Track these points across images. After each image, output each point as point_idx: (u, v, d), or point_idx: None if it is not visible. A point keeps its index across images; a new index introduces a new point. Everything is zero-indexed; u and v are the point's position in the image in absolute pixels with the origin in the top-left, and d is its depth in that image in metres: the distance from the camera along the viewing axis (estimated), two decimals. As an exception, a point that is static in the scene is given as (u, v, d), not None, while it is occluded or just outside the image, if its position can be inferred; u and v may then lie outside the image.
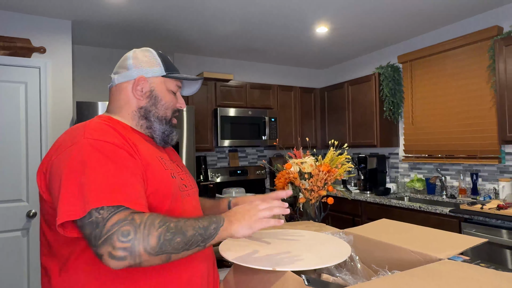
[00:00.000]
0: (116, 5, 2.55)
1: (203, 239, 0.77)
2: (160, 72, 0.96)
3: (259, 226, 0.81)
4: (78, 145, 0.77)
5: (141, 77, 0.94)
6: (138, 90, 0.95)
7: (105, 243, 0.68)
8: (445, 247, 0.91)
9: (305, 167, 1.54)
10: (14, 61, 2.57)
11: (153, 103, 0.96)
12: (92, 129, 0.81)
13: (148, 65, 0.96)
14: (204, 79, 3.61)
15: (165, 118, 0.98)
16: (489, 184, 2.88)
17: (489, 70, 2.74)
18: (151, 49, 1.00)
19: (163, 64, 0.98)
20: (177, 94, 1.01)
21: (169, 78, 0.98)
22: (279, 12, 2.75)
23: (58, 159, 0.78)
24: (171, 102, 0.99)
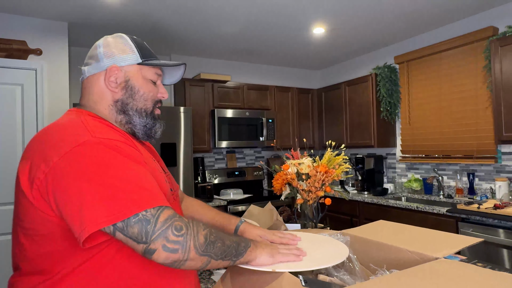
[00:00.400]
0: (112, 7, 2.55)
1: (235, 254, 0.77)
2: (135, 59, 0.87)
3: (280, 259, 0.82)
4: (89, 145, 0.70)
5: (113, 66, 0.85)
6: (112, 82, 0.85)
7: (159, 236, 0.67)
8: (442, 247, 0.91)
9: (302, 168, 1.54)
10: (10, 63, 2.56)
11: (129, 94, 0.86)
12: (96, 127, 0.76)
13: (121, 52, 0.86)
14: (201, 80, 3.63)
15: (145, 110, 0.89)
16: (486, 184, 2.89)
17: (485, 71, 2.76)
18: (124, 34, 0.91)
19: (138, 50, 0.88)
20: (157, 83, 0.92)
21: (146, 65, 0.88)
22: (276, 13, 2.76)
23: (63, 164, 0.68)
24: (151, 92, 0.90)
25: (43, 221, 0.71)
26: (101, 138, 0.73)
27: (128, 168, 0.71)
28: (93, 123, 0.78)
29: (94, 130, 0.74)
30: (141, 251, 0.68)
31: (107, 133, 0.76)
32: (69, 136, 0.72)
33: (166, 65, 0.90)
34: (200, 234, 0.71)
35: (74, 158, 0.69)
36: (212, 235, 0.74)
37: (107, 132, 0.76)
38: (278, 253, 0.83)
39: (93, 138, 0.72)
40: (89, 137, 0.72)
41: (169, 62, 0.92)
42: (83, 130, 0.74)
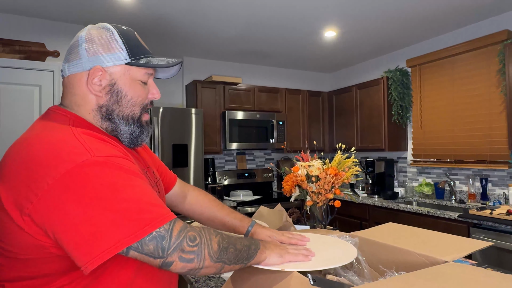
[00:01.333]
0: (127, 10, 2.61)
1: (247, 256, 0.78)
2: (122, 58, 0.76)
3: (289, 258, 0.83)
4: (88, 166, 0.63)
5: (97, 67, 0.74)
6: (95, 84, 0.75)
7: (176, 249, 0.67)
8: (451, 250, 0.92)
9: (312, 170, 1.56)
10: (29, 65, 2.64)
11: (115, 99, 0.77)
12: (92, 143, 0.67)
13: (106, 50, 0.75)
14: (212, 82, 3.67)
15: (132, 117, 0.79)
16: (499, 189, 2.85)
17: (499, 74, 2.72)
18: (111, 25, 0.78)
19: (127, 47, 0.76)
20: (148, 82, 0.82)
21: (135, 66, 0.77)
22: (288, 16, 2.78)
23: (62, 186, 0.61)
24: (139, 97, 0.79)
25: (35, 247, 0.64)
26: (100, 156, 0.65)
27: (133, 186, 0.66)
28: (87, 137, 0.68)
29: (91, 147, 0.66)
30: (158, 265, 0.67)
31: (105, 149, 0.68)
32: (64, 155, 0.63)
33: (160, 66, 0.79)
34: (213, 241, 0.72)
35: (73, 181, 0.61)
36: (225, 241, 0.74)
37: (104, 148, 0.68)
38: (287, 253, 0.84)
39: (92, 158, 0.63)
40: (88, 156, 0.63)
41: (163, 60, 0.80)
42: (79, 147, 0.65)
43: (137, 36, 0.82)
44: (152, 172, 0.91)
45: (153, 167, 0.96)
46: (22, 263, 0.66)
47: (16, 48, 2.62)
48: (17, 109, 2.60)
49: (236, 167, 4.09)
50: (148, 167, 0.90)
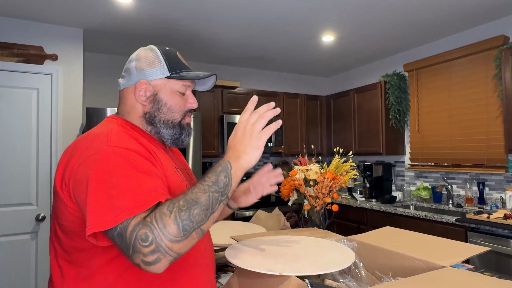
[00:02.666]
0: (127, 14, 2.61)
1: (221, 193, 0.74)
2: (163, 73, 0.90)
3: (264, 140, 0.79)
4: (102, 153, 0.74)
5: (142, 81, 0.89)
6: (142, 96, 0.90)
7: (134, 252, 0.66)
8: (449, 255, 0.92)
9: (310, 174, 1.56)
10: (27, 68, 2.64)
11: (157, 107, 0.91)
12: (115, 136, 0.78)
13: (150, 66, 0.90)
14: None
15: (172, 121, 0.92)
16: (496, 194, 2.86)
17: (496, 79, 2.74)
18: (156, 46, 0.93)
19: (167, 63, 0.91)
20: (186, 93, 0.95)
21: (174, 78, 0.91)
22: (286, 21, 2.79)
23: (82, 168, 0.74)
24: (178, 105, 0.93)
25: (74, 218, 0.76)
26: (116, 147, 0.75)
27: (130, 176, 0.71)
28: (117, 133, 0.80)
29: (112, 139, 0.77)
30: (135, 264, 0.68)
31: (127, 143, 0.78)
32: (93, 145, 0.77)
33: (193, 78, 0.91)
34: (168, 224, 0.67)
35: (89, 166, 0.73)
36: (182, 211, 0.68)
37: (127, 142, 0.78)
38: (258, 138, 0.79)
39: (108, 148, 0.75)
40: (104, 145, 0.75)
41: (197, 74, 0.93)
42: (103, 139, 0.77)
43: (178, 54, 0.96)
44: (187, 173, 0.99)
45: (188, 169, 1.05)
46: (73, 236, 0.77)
47: (14, 51, 2.62)
48: (15, 112, 2.59)
49: (234, 170, 4.08)
50: (184, 168, 0.99)
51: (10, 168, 2.55)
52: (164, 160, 0.86)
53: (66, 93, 2.80)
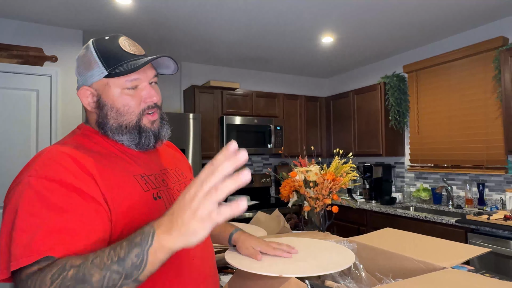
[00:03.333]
0: (125, 15, 2.62)
1: (125, 276, 0.55)
2: (100, 73, 0.77)
3: (210, 223, 0.52)
4: (20, 185, 0.65)
5: (82, 88, 0.79)
6: (90, 102, 0.80)
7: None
8: (449, 256, 0.92)
9: (310, 176, 1.56)
10: (27, 69, 2.64)
11: (104, 113, 0.79)
12: (42, 162, 0.68)
13: (87, 68, 0.78)
14: (210, 87, 3.68)
15: (126, 125, 0.79)
16: (496, 195, 2.86)
17: (495, 81, 2.74)
18: (92, 41, 0.80)
19: (102, 60, 0.77)
20: (139, 87, 0.80)
21: (113, 76, 0.77)
22: (286, 22, 2.80)
23: (6, 200, 0.67)
24: (127, 105, 0.78)
25: None
26: (34, 177, 0.65)
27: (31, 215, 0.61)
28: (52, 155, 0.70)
29: (39, 167, 0.67)
30: None
31: (52, 171, 0.66)
32: (21, 172, 0.69)
33: (132, 70, 0.76)
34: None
35: (7, 199, 0.67)
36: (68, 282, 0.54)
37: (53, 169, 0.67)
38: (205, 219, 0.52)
39: (26, 178, 0.66)
40: (25, 175, 0.66)
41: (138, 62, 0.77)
42: (29, 166, 0.69)
43: (122, 41, 0.81)
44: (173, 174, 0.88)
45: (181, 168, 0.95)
46: None
47: (14, 53, 2.62)
48: (14, 113, 2.59)
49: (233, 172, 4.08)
50: (166, 168, 0.88)
51: (9, 169, 2.54)
52: (116, 172, 0.74)
53: (66, 95, 2.80)
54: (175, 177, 0.89)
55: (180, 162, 0.99)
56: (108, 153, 0.79)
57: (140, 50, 0.83)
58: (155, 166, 0.86)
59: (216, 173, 0.51)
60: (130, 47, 0.81)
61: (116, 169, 0.75)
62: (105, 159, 0.76)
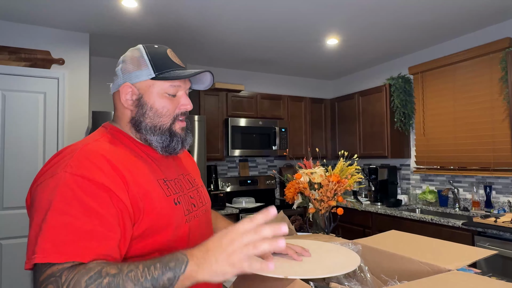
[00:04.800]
0: (132, 19, 2.64)
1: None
2: (147, 74, 0.82)
3: (239, 270, 0.60)
4: (54, 180, 0.67)
5: (126, 84, 0.83)
6: (128, 100, 0.84)
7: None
8: (455, 259, 0.91)
9: (315, 178, 1.56)
10: (35, 72, 2.68)
11: (142, 112, 0.83)
12: (77, 160, 0.70)
13: (135, 68, 0.83)
14: (215, 89, 3.70)
15: (160, 127, 0.84)
16: (503, 197, 2.83)
17: (501, 82, 2.72)
18: (143, 46, 0.86)
19: (151, 64, 0.83)
20: (178, 94, 0.86)
21: (160, 80, 0.83)
22: (291, 24, 2.80)
23: (36, 190, 0.69)
24: (166, 108, 0.84)
25: None
26: (69, 173, 0.68)
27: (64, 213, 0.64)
28: (84, 155, 0.72)
29: (72, 163, 0.70)
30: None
31: (86, 170, 0.69)
32: (54, 166, 0.71)
33: (180, 77, 0.82)
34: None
35: (39, 190, 0.68)
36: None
37: (87, 168, 0.69)
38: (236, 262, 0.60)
39: (61, 173, 0.68)
40: (61, 170, 0.68)
41: (187, 72, 0.84)
42: (64, 162, 0.70)
43: (169, 52, 0.87)
44: (187, 180, 0.92)
45: (192, 174, 0.99)
46: None
47: (22, 56, 2.65)
48: (22, 115, 2.63)
49: (238, 174, 4.09)
50: (182, 174, 0.92)
51: (18, 171, 2.58)
52: (143, 175, 0.78)
53: (73, 97, 2.83)
54: (189, 183, 0.92)
55: (191, 167, 1.02)
56: (135, 154, 0.82)
57: (181, 62, 0.90)
58: (174, 172, 0.90)
59: (258, 233, 0.60)
60: (175, 58, 0.88)
61: (143, 172, 0.79)
62: (133, 160, 0.80)
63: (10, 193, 2.55)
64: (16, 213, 2.54)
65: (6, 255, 2.51)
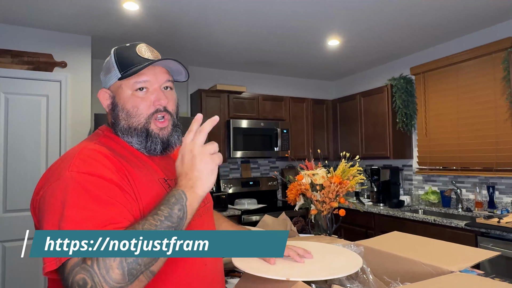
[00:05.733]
0: (134, 21, 2.65)
1: (175, 228, 0.66)
2: (115, 76, 0.82)
3: (218, 161, 0.72)
4: (62, 180, 0.68)
5: (101, 90, 0.85)
6: (108, 105, 0.85)
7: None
8: (457, 260, 0.91)
9: (316, 179, 1.55)
10: (37, 75, 2.69)
11: (116, 115, 0.83)
12: (80, 159, 0.71)
13: (107, 72, 0.84)
14: (217, 91, 3.70)
15: (135, 128, 0.81)
16: (507, 198, 2.82)
17: (504, 82, 2.71)
18: (114, 49, 0.86)
19: (117, 64, 0.82)
20: (150, 90, 0.82)
21: (125, 78, 0.80)
22: (292, 25, 2.80)
23: (44, 195, 0.69)
24: (136, 107, 0.81)
25: None
26: (76, 172, 0.69)
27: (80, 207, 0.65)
28: (86, 152, 0.73)
29: (76, 162, 0.70)
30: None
31: (92, 167, 0.70)
32: (58, 169, 0.71)
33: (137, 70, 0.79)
34: (112, 269, 0.59)
35: (49, 193, 0.68)
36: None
37: (92, 165, 0.71)
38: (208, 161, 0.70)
39: (68, 173, 0.68)
40: (66, 171, 0.69)
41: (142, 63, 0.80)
42: (68, 163, 0.71)
43: (140, 48, 0.84)
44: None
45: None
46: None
47: (24, 59, 2.67)
48: (25, 118, 2.64)
49: (240, 175, 4.09)
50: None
51: (21, 173, 2.59)
52: (143, 174, 0.78)
53: (75, 100, 2.84)
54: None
55: None
56: (132, 155, 0.82)
57: (157, 55, 0.86)
58: (173, 171, 0.89)
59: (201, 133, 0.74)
60: (146, 52, 0.84)
61: (142, 171, 0.79)
62: (131, 160, 0.80)
63: (13, 195, 2.56)
64: (19, 216, 2.55)
65: (10, 257, 2.52)
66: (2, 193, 2.55)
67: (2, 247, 2.52)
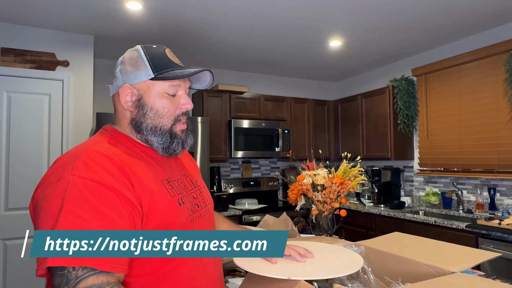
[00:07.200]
0: (136, 21, 2.66)
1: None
2: (146, 75, 0.82)
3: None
4: (62, 183, 0.67)
5: (125, 85, 0.83)
6: (127, 101, 0.84)
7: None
8: (458, 261, 0.91)
9: (318, 179, 1.56)
10: (40, 74, 2.70)
11: (142, 113, 0.83)
12: (83, 162, 0.71)
13: (134, 68, 0.83)
14: (218, 91, 3.71)
15: (161, 127, 0.84)
16: (508, 199, 2.81)
17: (506, 84, 2.71)
18: (141, 46, 0.86)
19: (150, 63, 0.82)
20: (178, 94, 0.86)
21: (159, 80, 0.82)
22: (293, 26, 2.81)
23: (42, 195, 0.69)
24: (167, 108, 0.84)
25: None
26: (77, 176, 0.68)
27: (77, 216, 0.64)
28: (90, 155, 0.73)
29: (81, 167, 0.70)
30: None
31: (94, 172, 0.70)
32: (60, 170, 0.71)
33: (179, 76, 0.82)
34: None
35: (47, 194, 0.68)
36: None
37: (94, 171, 0.70)
38: None
39: (69, 176, 0.68)
40: (68, 174, 0.68)
41: (187, 71, 0.84)
42: (70, 165, 0.70)
43: (167, 52, 0.88)
44: (189, 180, 0.93)
45: (194, 174, 1.00)
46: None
47: (27, 58, 2.68)
48: (27, 117, 2.65)
49: (241, 175, 4.10)
50: (184, 175, 0.93)
51: (22, 172, 2.60)
52: (148, 175, 0.79)
53: (77, 99, 2.85)
54: (191, 184, 0.93)
55: (192, 168, 1.03)
56: (137, 156, 0.82)
57: (180, 62, 0.90)
58: (177, 172, 0.91)
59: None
60: (174, 57, 0.88)
61: (146, 172, 0.79)
62: (135, 161, 0.80)
63: (15, 194, 2.57)
64: (20, 214, 2.56)
65: (11, 256, 2.53)
66: (4, 191, 2.56)
67: (3, 245, 2.53)
